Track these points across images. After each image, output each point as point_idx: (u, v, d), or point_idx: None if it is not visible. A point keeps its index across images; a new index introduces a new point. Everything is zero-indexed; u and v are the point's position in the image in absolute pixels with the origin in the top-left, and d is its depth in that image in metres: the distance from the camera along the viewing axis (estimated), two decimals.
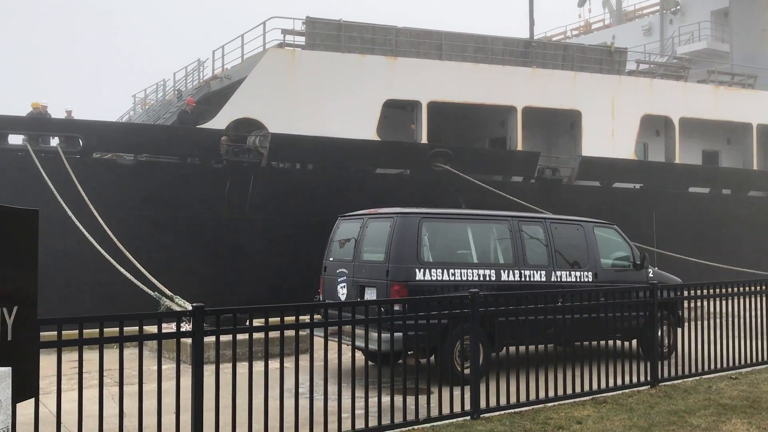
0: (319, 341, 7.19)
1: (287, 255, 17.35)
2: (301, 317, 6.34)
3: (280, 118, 18.00)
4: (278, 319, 6.15)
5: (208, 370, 5.78)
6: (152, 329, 5.92)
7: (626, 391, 8.30)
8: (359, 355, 8.63)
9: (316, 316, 6.72)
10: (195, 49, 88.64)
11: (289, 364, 7.07)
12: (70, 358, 5.91)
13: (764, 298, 10.12)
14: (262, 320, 6.15)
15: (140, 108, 27.05)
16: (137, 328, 5.49)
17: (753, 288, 10.03)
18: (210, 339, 5.87)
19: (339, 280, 9.87)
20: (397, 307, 7.42)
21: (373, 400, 6.57)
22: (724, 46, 29.21)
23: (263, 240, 17.77)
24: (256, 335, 6.11)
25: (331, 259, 10.30)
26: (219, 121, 17.85)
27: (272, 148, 17.81)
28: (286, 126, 17.92)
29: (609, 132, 21.87)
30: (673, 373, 8.96)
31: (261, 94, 17.99)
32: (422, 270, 9.08)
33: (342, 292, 9.79)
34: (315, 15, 19.05)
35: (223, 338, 5.95)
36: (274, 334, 6.16)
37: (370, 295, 9.19)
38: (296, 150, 18.17)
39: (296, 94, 18.27)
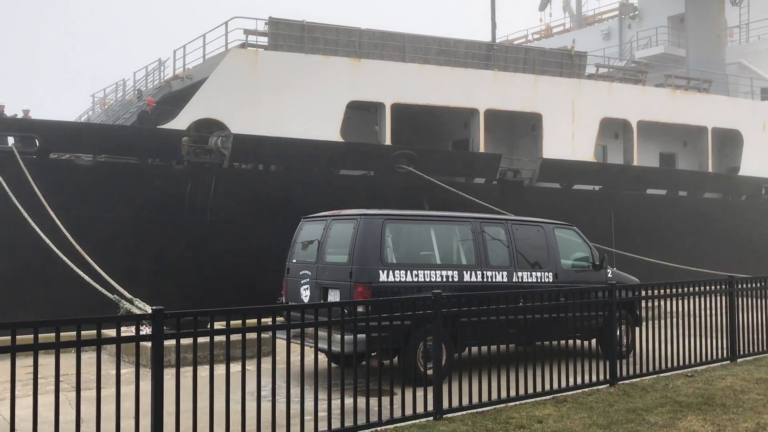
0: (282, 344, 7.15)
1: (250, 257, 17.21)
2: (263, 320, 6.30)
3: (243, 119, 17.85)
4: (240, 321, 6.11)
5: (169, 374, 5.70)
6: (111, 333, 5.82)
7: (586, 389, 8.44)
8: (322, 357, 8.60)
9: (279, 319, 6.68)
10: (156, 48, 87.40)
11: (251, 366, 7.02)
12: (24, 363, 5.77)
13: (718, 298, 10.39)
14: (224, 323, 6.09)
15: (99, 108, 26.57)
16: (95, 331, 5.39)
17: (708, 288, 10.29)
18: (171, 342, 5.79)
19: (302, 282, 9.83)
20: (360, 309, 7.41)
21: (336, 402, 6.56)
22: (680, 51, 29.90)
23: (225, 242, 17.60)
24: (217, 338, 6.05)
25: (294, 260, 10.25)
26: (180, 122, 17.62)
27: (234, 148, 17.66)
28: (248, 127, 17.78)
29: (569, 135, 22.20)
30: (631, 372, 9.14)
31: (223, 95, 17.83)
32: (386, 271, 9.10)
33: (305, 294, 9.76)
34: (278, 16, 18.94)
35: (185, 341, 5.88)
36: (236, 337, 6.10)
37: (334, 296, 9.18)
38: (259, 151, 18.05)
39: (259, 94, 18.14)
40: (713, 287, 10.34)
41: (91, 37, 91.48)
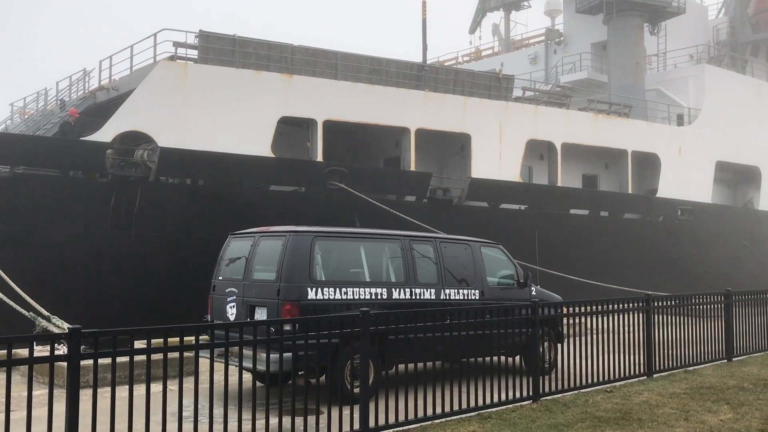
0: (206, 363, 7.00)
1: (175, 274, 16.80)
2: (186, 338, 6.16)
3: (170, 132, 17.50)
4: (162, 340, 5.96)
5: (86, 395, 5.50)
6: (24, 353, 5.57)
7: (510, 406, 8.60)
8: (248, 376, 8.46)
9: (204, 337, 6.55)
10: (81, 58, 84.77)
11: (173, 387, 6.84)
12: None
13: (636, 315, 10.79)
14: (145, 342, 5.92)
15: (18, 117, 25.50)
16: (6, 351, 5.16)
17: (627, 305, 10.67)
18: (88, 362, 5.59)
19: (228, 299, 9.67)
20: (287, 327, 7.35)
21: (260, 423, 6.47)
22: (602, 77, 31.11)
23: (150, 258, 17.13)
24: (138, 358, 5.88)
25: (220, 278, 10.08)
26: (105, 134, 17.13)
27: (161, 162, 17.28)
28: (176, 140, 17.44)
29: (497, 155, 22.73)
30: (554, 388, 9.36)
31: (150, 107, 17.44)
32: (314, 289, 9.06)
33: (231, 312, 9.60)
34: (209, 29, 18.74)
35: (103, 361, 5.69)
36: (157, 357, 5.94)
37: (261, 314, 9.07)
38: (186, 165, 17.71)
39: (188, 108, 17.84)
40: (631, 305, 10.74)
41: (9, 43, 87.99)
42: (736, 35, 35.32)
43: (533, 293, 11.46)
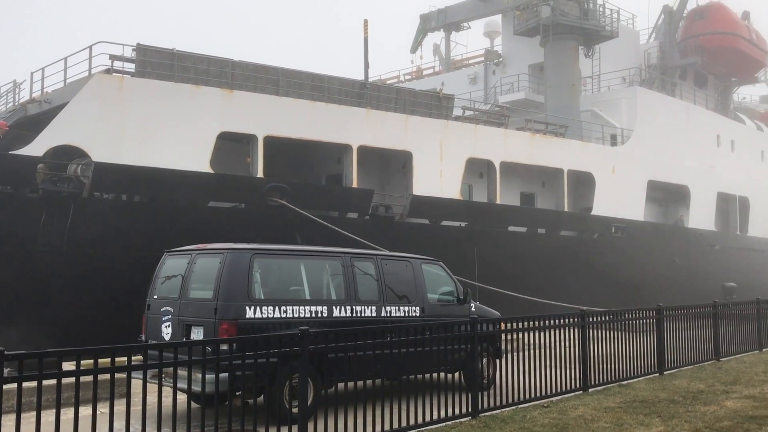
0: (139, 385, 6.78)
1: (109, 293, 16.29)
2: (119, 359, 5.96)
3: (106, 147, 17.04)
4: (92, 362, 5.74)
5: (10, 420, 5.24)
6: None
7: (449, 422, 8.62)
8: (183, 397, 8.24)
9: (136, 358, 6.35)
10: (11, 70, 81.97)
11: (104, 410, 6.61)
12: None
13: (572, 330, 11.01)
14: (74, 364, 5.70)
15: None
16: None
17: (563, 321, 10.88)
18: (12, 386, 5.34)
19: (163, 319, 9.42)
20: (224, 347, 7.20)
21: None
22: (539, 97, 31.91)
23: (82, 277, 16.56)
24: (66, 380, 5.65)
25: (155, 296, 9.83)
26: (36, 148, 16.55)
27: (95, 177, 16.78)
28: (111, 155, 16.99)
29: (438, 173, 22.99)
30: (492, 404, 9.44)
31: (84, 121, 16.96)
32: (253, 307, 8.92)
33: (166, 332, 9.36)
34: (147, 43, 18.40)
35: (29, 385, 5.44)
36: (87, 379, 5.73)
37: (197, 334, 8.86)
38: (122, 180, 17.26)
39: (124, 122, 17.42)
40: (567, 321, 10.95)
41: None
42: (665, 59, 36.83)
43: (473, 309, 11.57)
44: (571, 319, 11.02)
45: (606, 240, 27.80)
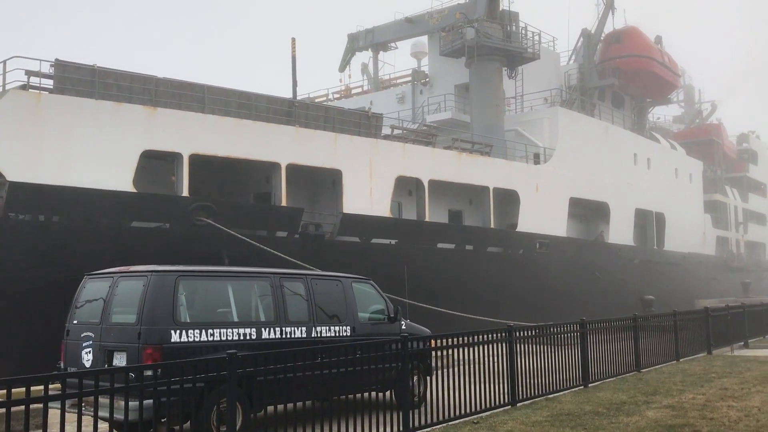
0: (58, 415, 6.47)
1: (25, 318, 15.54)
2: (34, 389, 5.67)
3: (22, 166, 16.34)
4: (5, 392, 5.44)
5: None
6: None
7: None
8: (106, 426, 7.90)
9: (54, 386, 6.07)
10: None
11: None
12: None
13: (501, 345, 11.17)
14: None
15: None
16: None
17: (491, 336, 11.03)
18: None
19: (84, 345, 9.04)
20: (148, 373, 6.97)
21: None
22: (466, 117, 32.56)
23: None
24: None
25: (75, 321, 9.42)
26: None
27: (10, 197, 16.05)
28: (28, 174, 16.29)
29: (367, 191, 23.07)
30: (423, 422, 9.43)
31: None
32: (178, 331, 8.67)
33: (87, 359, 8.97)
34: (66, 59, 17.80)
35: None
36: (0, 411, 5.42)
37: (120, 360, 8.54)
38: (39, 200, 16.55)
39: (41, 140, 16.75)
40: (495, 336, 11.11)
41: None
42: (584, 81, 38.30)
43: (403, 327, 11.60)
44: (499, 335, 11.18)
45: (531, 255, 28.49)
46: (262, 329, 9.60)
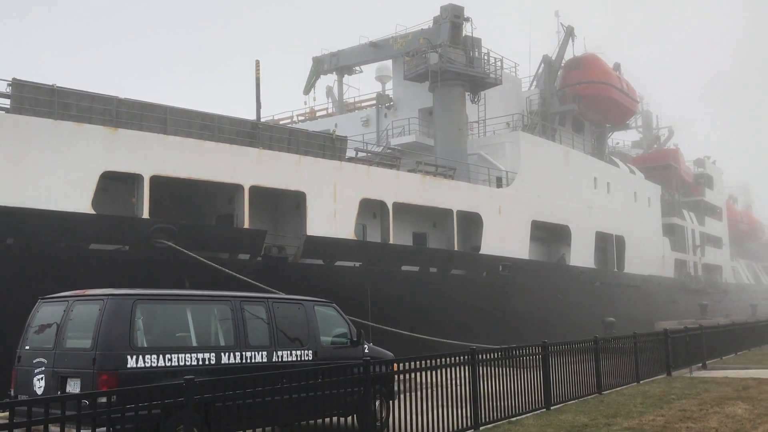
0: None
1: None
2: None
3: None
4: None
5: None
6: None
7: None
8: None
9: (2, 415, 5.85)
10: None
11: None
12: None
13: (464, 369, 11.14)
14: None
15: None
16: None
17: (454, 359, 11.00)
18: None
19: (36, 371, 8.76)
20: (102, 400, 6.77)
21: None
22: (429, 141, 32.81)
23: None
24: None
25: (27, 347, 9.14)
26: None
27: None
28: None
29: (331, 213, 23.01)
30: None
31: None
32: (135, 357, 8.46)
33: (39, 385, 8.69)
34: (24, 78, 17.49)
35: None
36: None
37: (73, 387, 8.29)
38: None
39: None
40: (458, 359, 11.09)
41: None
42: (546, 106, 38.99)
43: (366, 351, 11.51)
44: (462, 358, 11.16)
45: (494, 278, 28.65)
46: (222, 354, 9.43)
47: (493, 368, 11.80)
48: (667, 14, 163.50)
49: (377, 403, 10.40)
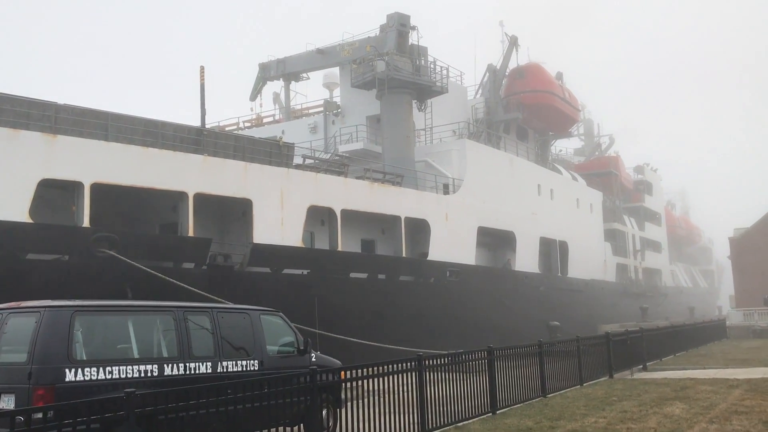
0: None
1: None
2: None
3: None
4: None
5: None
6: None
7: None
8: None
9: None
10: None
11: None
12: None
13: (411, 375, 11.19)
14: None
15: None
16: None
17: (401, 366, 11.03)
18: None
19: None
20: (38, 415, 6.55)
21: None
22: (377, 148, 32.93)
23: None
24: None
25: None
26: None
27: None
28: None
29: (279, 221, 22.83)
30: None
31: None
32: (74, 370, 8.22)
33: None
34: None
35: None
36: None
37: (7, 403, 8.00)
38: None
39: None
40: (405, 365, 11.12)
41: None
42: (491, 114, 39.61)
43: (313, 360, 11.45)
44: (409, 364, 11.20)
45: (441, 284, 28.88)
46: (165, 365, 9.25)
47: (439, 374, 11.88)
48: (609, 24, 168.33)
49: (324, 411, 10.35)
